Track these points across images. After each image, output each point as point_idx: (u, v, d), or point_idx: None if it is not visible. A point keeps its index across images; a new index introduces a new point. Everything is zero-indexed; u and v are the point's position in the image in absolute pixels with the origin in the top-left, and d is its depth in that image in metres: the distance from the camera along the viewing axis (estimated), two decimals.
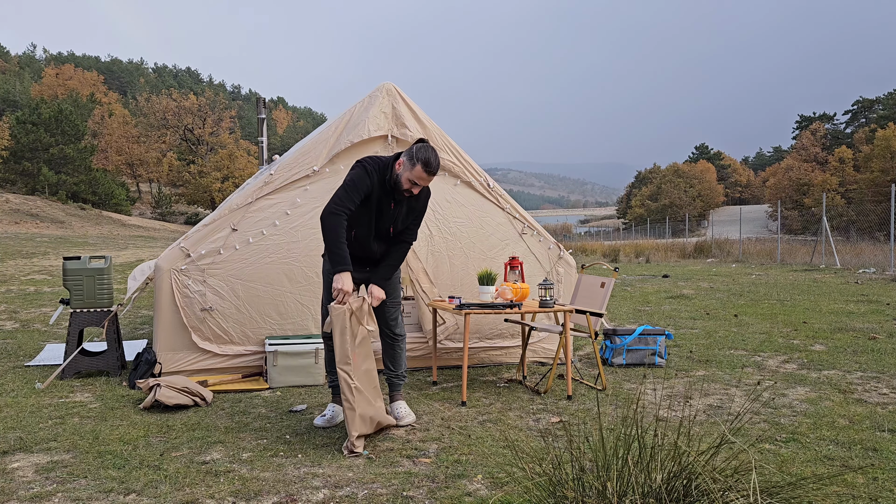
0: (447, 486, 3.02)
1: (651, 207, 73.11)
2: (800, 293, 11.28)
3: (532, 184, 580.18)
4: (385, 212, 3.86)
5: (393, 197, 3.84)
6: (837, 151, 62.76)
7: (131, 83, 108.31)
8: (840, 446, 3.55)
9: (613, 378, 5.23)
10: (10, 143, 45.56)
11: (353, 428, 3.50)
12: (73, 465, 3.28)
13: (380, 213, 3.86)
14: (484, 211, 5.65)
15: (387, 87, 5.38)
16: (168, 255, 5.04)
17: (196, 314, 5.00)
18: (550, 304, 4.66)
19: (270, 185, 5.18)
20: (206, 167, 56.16)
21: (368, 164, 3.82)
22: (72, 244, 24.03)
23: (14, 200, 38.88)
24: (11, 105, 64.22)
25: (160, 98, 63.39)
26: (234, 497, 2.90)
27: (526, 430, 3.87)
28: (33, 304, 9.54)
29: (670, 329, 7.58)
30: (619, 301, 10.46)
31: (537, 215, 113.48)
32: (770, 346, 6.49)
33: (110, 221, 42.45)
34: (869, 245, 22.18)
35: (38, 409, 4.26)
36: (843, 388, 4.81)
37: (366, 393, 3.65)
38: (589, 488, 2.28)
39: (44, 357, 5.96)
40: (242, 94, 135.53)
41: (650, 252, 24.99)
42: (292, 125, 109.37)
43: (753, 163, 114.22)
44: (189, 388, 4.36)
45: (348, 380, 3.56)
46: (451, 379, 5.21)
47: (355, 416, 3.52)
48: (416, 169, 3.69)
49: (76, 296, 5.22)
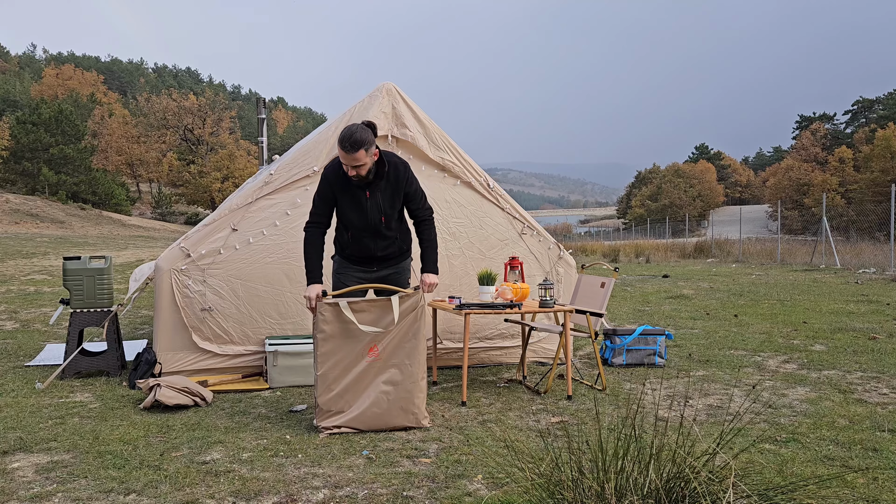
0: (447, 486, 3.03)
1: (651, 207, 73.13)
2: (800, 293, 11.28)
3: (532, 184, 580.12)
4: (364, 204, 3.86)
5: (362, 187, 3.84)
6: (837, 151, 62.76)
7: (131, 83, 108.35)
8: (840, 446, 3.55)
9: (613, 378, 5.23)
10: (10, 143, 45.58)
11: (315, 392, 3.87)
12: (73, 465, 3.28)
13: (360, 208, 3.87)
14: (484, 211, 5.65)
15: (387, 87, 5.38)
16: (168, 255, 5.04)
17: (196, 314, 5.00)
18: (550, 304, 4.66)
19: (270, 185, 5.18)
20: (206, 167, 56.15)
21: (326, 169, 3.91)
22: (72, 244, 24.04)
23: (14, 200, 38.88)
24: (11, 105, 64.19)
25: (160, 98, 63.37)
26: (234, 497, 2.90)
27: (526, 431, 3.87)
28: (33, 304, 9.54)
29: (670, 329, 7.58)
30: (619, 301, 10.46)
31: (537, 215, 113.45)
32: (770, 347, 6.49)
33: (110, 221, 42.45)
34: (869, 245, 22.17)
35: (38, 409, 4.26)
36: (843, 389, 4.81)
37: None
38: (588, 489, 2.28)
39: (44, 357, 5.96)
40: (242, 94, 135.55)
41: (650, 252, 24.99)
42: (292, 125, 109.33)
43: (753, 163, 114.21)
44: (189, 388, 4.36)
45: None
46: (451, 379, 5.21)
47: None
48: (339, 151, 3.70)
49: (76, 296, 5.22)
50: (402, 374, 3.89)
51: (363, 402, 3.84)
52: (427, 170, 5.44)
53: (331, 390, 3.82)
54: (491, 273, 4.75)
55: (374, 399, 3.84)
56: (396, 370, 3.90)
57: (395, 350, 3.90)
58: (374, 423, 3.85)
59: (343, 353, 3.85)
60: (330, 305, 3.81)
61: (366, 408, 3.83)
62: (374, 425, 3.85)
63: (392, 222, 4.00)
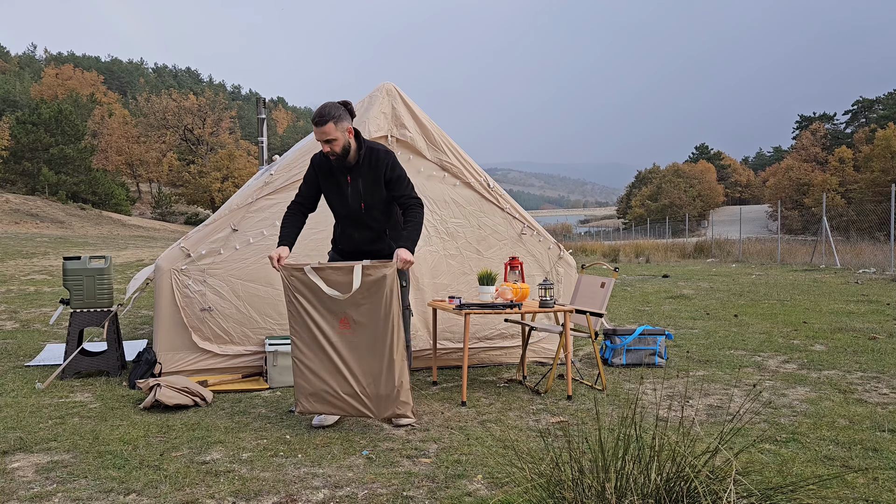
0: (447, 486, 3.03)
1: (651, 207, 73.15)
2: (800, 293, 11.28)
3: (532, 184, 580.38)
4: (345, 189, 3.90)
5: (343, 172, 3.88)
6: (837, 151, 62.80)
7: (131, 83, 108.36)
8: (840, 446, 3.55)
9: (613, 378, 5.23)
10: (10, 143, 45.60)
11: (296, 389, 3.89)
12: (73, 465, 3.28)
13: (341, 193, 3.91)
14: (483, 211, 5.65)
15: (387, 88, 5.38)
16: (168, 255, 5.04)
17: (196, 314, 5.00)
18: (550, 304, 4.66)
19: (271, 185, 5.19)
20: (206, 167, 56.18)
21: (314, 156, 4.04)
22: (72, 244, 24.05)
23: (14, 200, 38.88)
24: (11, 105, 64.20)
25: (160, 98, 63.39)
26: (234, 497, 2.90)
27: (526, 431, 3.87)
28: (33, 304, 9.54)
29: (670, 329, 7.58)
30: (619, 301, 10.46)
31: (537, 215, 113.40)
32: (770, 346, 6.49)
33: (110, 221, 42.46)
34: (869, 245, 22.17)
35: (38, 409, 4.26)
36: (843, 389, 4.81)
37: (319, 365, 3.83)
38: (588, 489, 2.28)
39: (44, 357, 5.96)
40: (242, 94, 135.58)
41: (650, 252, 24.99)
42: (292, 125, 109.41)
43: (753, 163, 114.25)
44: (189, 388, 4.36)
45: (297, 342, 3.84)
46: (451, 379, 5.21)
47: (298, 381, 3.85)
48: (313, 128, 3.81)
49: (76, 296, 5.22)
50: (374, 357, 3.78)
51: (339, 386, 3.79)
52: (427, 170, 5.44)
53: (306, 370, 3.80)
54: (491, 273, 4.75)
55: (351, 384, 3.78)
56: (370, 353, 3.78)
57: (368, 330, 3.77)
58: (348, 409, 3.80)
59: (315, 326, 3.79)
60: (297, 270, 3.77)
61: (341, 393, 3.79)
62: (350, 412, 3.80)
63: (374, 211, 4.00)
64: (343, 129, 3.79)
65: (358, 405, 3.83)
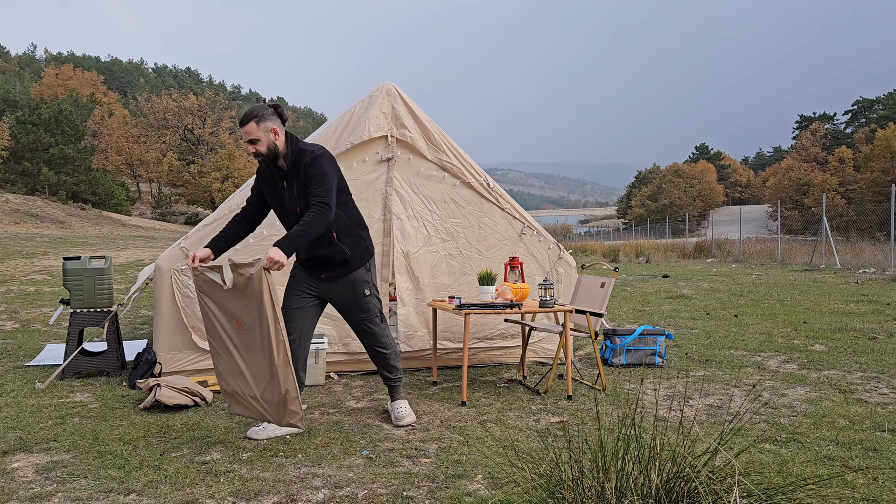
0: (447, 486, 3.03)
1: (651, 207, 73.18)
2: (800, 293, 11.28)
3: (532, 184, 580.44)
4: (282, 195, 3.86)
5: (280, 178, 3.85)
6: (837, 151, 62.82)
7: (131, 83, 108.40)
8: (840, 446, 3.55)
9: (613, 378, 5.23)
10: (10, 143, 45.61)
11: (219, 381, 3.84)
12: (73, 465, 3.28)
13: (279, 198, 3.88)
14: (483, 211, 5.65)
15: (387, 87, 5.38)
16: (168, 255, 5.04)
17: (196, 314, 5.00)
18: (550, 304, 4.66)
19: None
20: (206, 167, 56.20)
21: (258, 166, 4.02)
22: (72, 244, 24.05)
23: (14, 200, 38.89)
24: (11, 105, 64.21)
25: (160, 98, 63.41)
26: (234, 497, 2.90)
27: (526, 431, 3.87)
28: (33, 304, 9.54)
29: (670, 329, 7.58)
30: (619, 301, 10.46)
31: (537, 215, 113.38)
32: (770, 346, 6.49)
33: (110, 221, 42.47)
34: (869, 245, 22.18)
35: (38, 409, 4.26)
36: (843, 389, 4.81)
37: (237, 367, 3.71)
38: (588, 489, 2.28)
39: (44, 357, 5.96)
40: (242, 94, 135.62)
41: (650, 252, 24.99)
42: (292, 125, 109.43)
43: (753, 163, 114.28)
44: (189, 388, 4.36)
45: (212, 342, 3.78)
46: (451, 379, 5.21)
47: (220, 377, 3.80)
48: None
49: (76, 296, 5.22)
50: (263, 360, 3.59)
51: (244, 388, 3.68)
52: (427, 170, 5.44)
53: (221, 371, 3.75)
54: (491, 273, 4.75)
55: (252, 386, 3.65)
56: (261, 356, 3.60)
57: (256, 332, 3.60)
58: (255, 413, 3.67)
59: (220, 328, 3.70)
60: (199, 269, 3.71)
61: (246, 395, 3.68)
62: (257, 415, 3.67)
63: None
64: (266, 130, 3.69)
65: (260, 409, 3.65)
